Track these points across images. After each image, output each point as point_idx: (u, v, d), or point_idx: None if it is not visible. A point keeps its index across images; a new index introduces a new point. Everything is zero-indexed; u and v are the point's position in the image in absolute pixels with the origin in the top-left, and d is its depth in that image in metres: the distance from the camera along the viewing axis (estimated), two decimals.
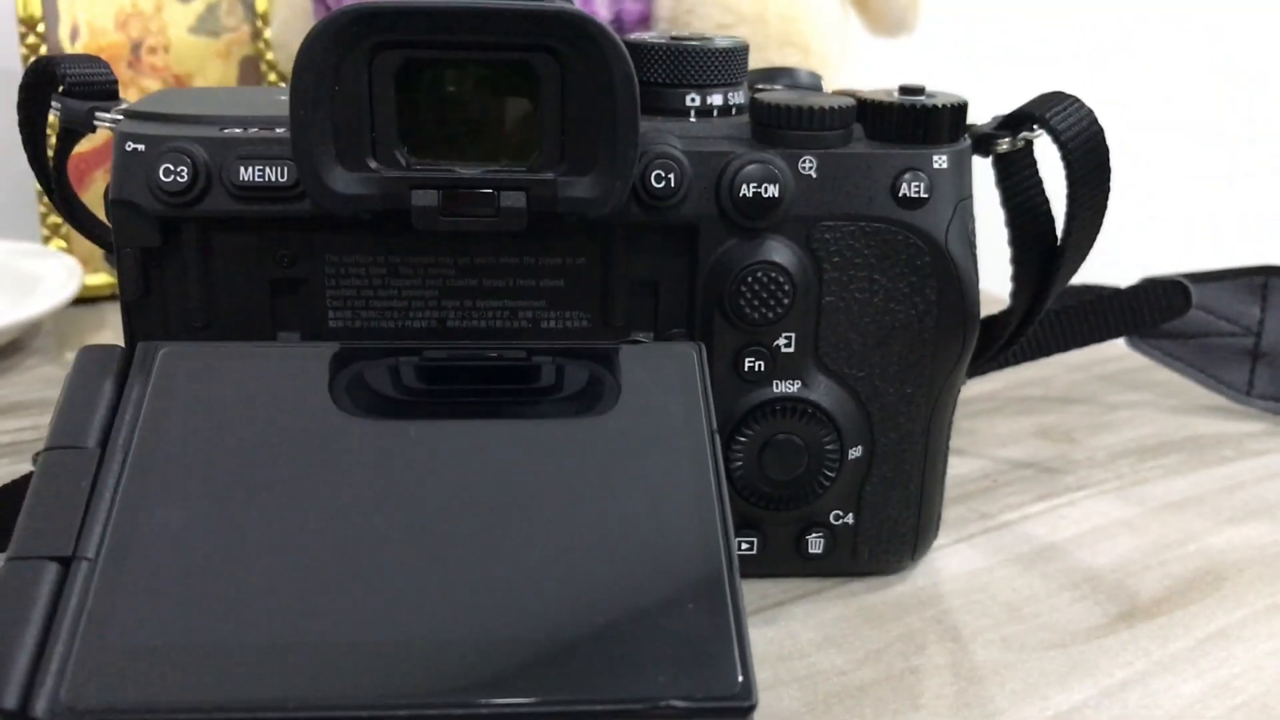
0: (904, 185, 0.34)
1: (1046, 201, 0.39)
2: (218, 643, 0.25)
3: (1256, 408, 0.52)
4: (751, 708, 0.25)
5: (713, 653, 0.25)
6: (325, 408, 0.30)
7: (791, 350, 0.35)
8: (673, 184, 0.33)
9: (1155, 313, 0.47)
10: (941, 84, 0.36)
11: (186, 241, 0.33)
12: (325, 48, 0.30)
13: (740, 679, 0.25)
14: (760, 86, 0.38)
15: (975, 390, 0.54)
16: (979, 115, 0.37)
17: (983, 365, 0.43)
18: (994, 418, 0.51)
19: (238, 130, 0.32)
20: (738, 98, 0.36)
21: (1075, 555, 0.40)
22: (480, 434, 0.30)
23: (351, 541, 0.27)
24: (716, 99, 0.35)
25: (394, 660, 0.25)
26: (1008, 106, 0.38)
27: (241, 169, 0.32)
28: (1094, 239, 0.39)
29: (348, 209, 0.31)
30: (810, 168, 0.34)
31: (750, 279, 0.34)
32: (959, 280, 0.35)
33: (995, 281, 0.41)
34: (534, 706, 0.24)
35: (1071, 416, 0.52)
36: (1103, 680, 0.33)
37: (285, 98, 0.30)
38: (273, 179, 0.32)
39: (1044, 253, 0.39)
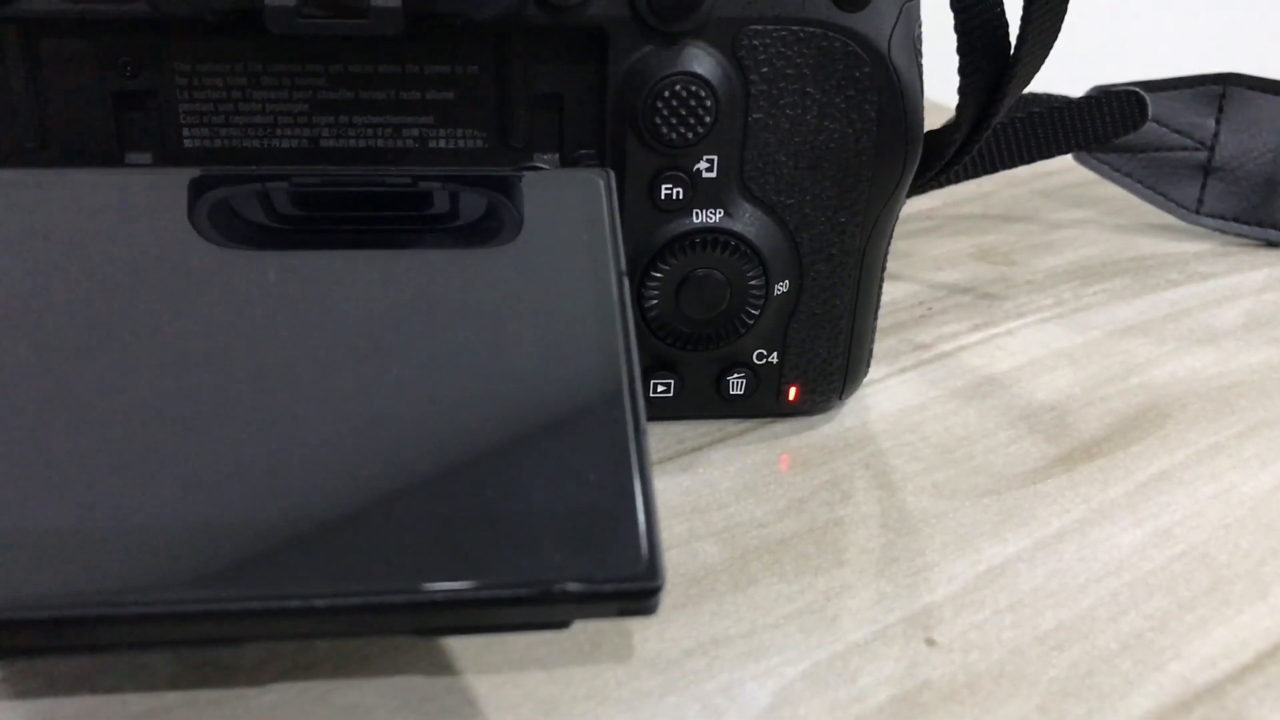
0: None
1: (1001, 2, 0.34)
2: (47, 526, 0.21)
3: (1205, 226, 0.49)
4: (656, 589, 0.22)
5: (613, 527, 0.22)
6: (183, 244, 0.26)
7: (714, 175, 0.31)
8: None
9: (1108, 126, 0.43)
10: None
11: (7, 48, 0.28)
12: None
13: (646, 556, 0.22)
14: None
15: (911, 208, 0.50)
16: None
17: (923, 184, 0.40)
18: (930, 238, 0.48)
19: None
20: None
21: (1013, 390, 0.38)
22: (356, 279, 0.26)
23: (212, 404, 0.23)
24: None
25: (251, 546, 0.22)
26: None
27: None
28: (1051, 46, 0.35)
29: (186, 8, 0.26)
30: None
31: (667, 93, 0.29)
32: (902, 95, 0.31)
33: (939, 88, 0.37)
34: (404, 596, 0.21)
35: (1012, 236, 0.49)
36: (1038, 530, 0.31)
37: None
38: None
39: (995, 61, 0.35)
